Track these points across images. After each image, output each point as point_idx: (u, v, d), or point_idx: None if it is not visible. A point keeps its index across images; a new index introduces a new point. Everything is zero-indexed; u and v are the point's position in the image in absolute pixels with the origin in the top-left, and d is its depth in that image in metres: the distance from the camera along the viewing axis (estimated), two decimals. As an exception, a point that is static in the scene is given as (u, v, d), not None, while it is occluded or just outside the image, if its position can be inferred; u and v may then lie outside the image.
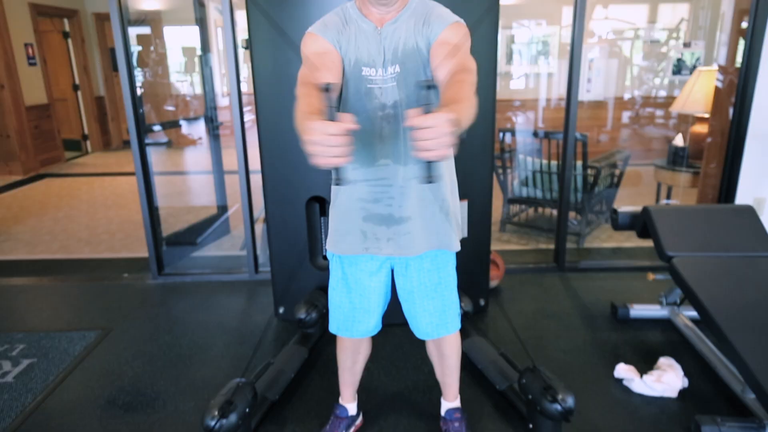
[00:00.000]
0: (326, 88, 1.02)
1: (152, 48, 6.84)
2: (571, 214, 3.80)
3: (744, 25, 3.01)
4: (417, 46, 1.38)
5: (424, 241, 1.51)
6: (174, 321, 2.73)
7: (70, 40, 7.44)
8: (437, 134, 0.94)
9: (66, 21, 7.32)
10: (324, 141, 0.97)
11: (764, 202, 3.13)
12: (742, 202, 3.12)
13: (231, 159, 3.21)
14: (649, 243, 2.52)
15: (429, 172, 1.02)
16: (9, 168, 6.21)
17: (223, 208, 4.07)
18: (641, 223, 2.55)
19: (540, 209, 4.35)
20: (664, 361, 2.19)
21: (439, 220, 1.51)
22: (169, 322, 2.71)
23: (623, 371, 2.15)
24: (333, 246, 1.57)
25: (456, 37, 1.35)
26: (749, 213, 2.48)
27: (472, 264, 2.60)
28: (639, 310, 2.62)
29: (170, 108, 6.95)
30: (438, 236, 1.52)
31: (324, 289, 2.48)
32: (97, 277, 3.33)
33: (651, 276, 2.68)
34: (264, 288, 3.05)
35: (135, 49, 6.25)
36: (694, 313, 2.48)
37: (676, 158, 3.95)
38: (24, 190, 5.67)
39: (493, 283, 2.94)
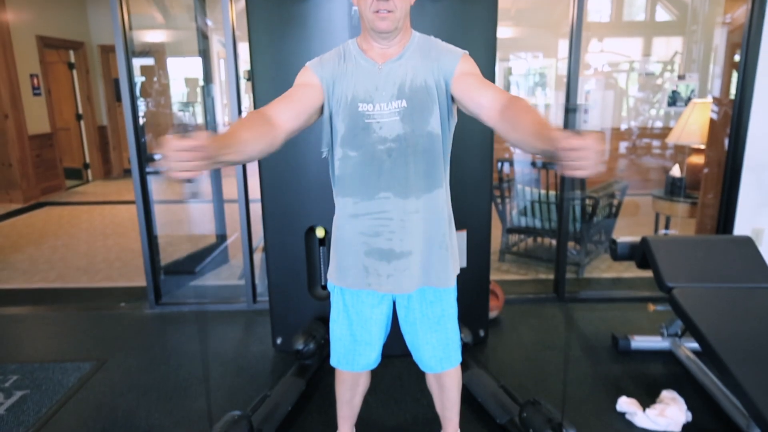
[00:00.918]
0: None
1: (155, 78, 6.95)
2: (570, 244, 3.80)
3: (737, 58, 3.07)
4: (426, 84, 1.40)
5: (422, 278, 1.51)
6: (170, 351, 2.69)
7: (75, 71, 7.56)
8: (592, 154, 0.99)
9: (72, 52, 7.45)
10: (174, 156, 1.00)
11: (762, 232, 3.13)
12: (741, 232, 3.12)
13: (231, 188, 3.23)
14: (648, 273, 2.51)
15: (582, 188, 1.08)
16: (9, 196, 6.23)
17: (222, 237, 4.07)
18: (640, 254, 2.55)
19: (539, 239, 4.35)
20: (667, 395, 2.15)
21: (438, 257, 1.51)
22: (165, 353, 2.68)
23: (626, 405, 2.12)
24: (335, 279, 1.57)
25: (474, 67, 1.42)
26: (748, 244, 2.48)
27: (471, 294, 2.58)
28: (640, 342, 2.59)
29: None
30: (437, 273, 1.52)
31: (322, 320, 2.47)
32: (93, 306, 3.31)
33: (651, 307, 2.66)
34: (262, 318, 3.03)
35: (138, 79, 6.35)
36: (695, 345, 2.46)
37: (674, 188, 3.98)
38: (23, 218, 5.67)
39: (493, 314, 2.91)
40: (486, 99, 1.33)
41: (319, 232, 2.48)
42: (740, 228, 3.13)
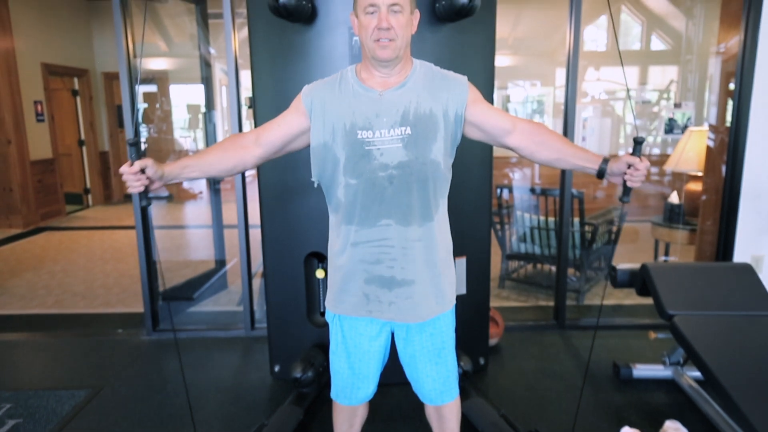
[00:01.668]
0: (131, 143, 1.45)
1: (158, 105, 7.04)
2: (570, 271, 3.79)
3: (731, 86, 3.11)
4: (431, 111, 1.42)
5: (425, 308, 1.50)
6: (166, 379, 2.66)
7: (78, 98, 7.65)
8: (644, 174, 1.42)
9: (76, 80, 7.55)
10: (126, 177, 1.41)
11: (762, 260, 3.13)
12: (740, 259, 3.12)
13: (230, 213, 3.23)
14: (649, 301, 2.50)
15: (629, 195, 1.49)
16: (9, 221, 6.23)
17: (221, 263, 4.06)
18: (640, 281, 2.54)
19: (539, 265, 4.34)
20: (671, 425, 2.12)
21: (438, 283, 1.51)
22: (161, 381, 2.64)
23: (628, 435, 2.08)
24: (334, 306, 1.56)
25: (479, 93, 1.50)
26: (748, 271, 2.48)
27: (471, 321, 2.57)
28: (642, 370, 2.56)
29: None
30: (437, 300, 1.52)
31: (321, 347, 2.44)
32: (90, 332, 3.28)
33: (652, 334, 2.64)
34: (260, 345, 3.00)
35: (141, 106, 6.42)
36: (698, 374, 2.43)
37: (672, 215, 3.99)
38: (23, 243, 5.67)
39: (493, 341, 2.89)
40: (507, 123, 1.48)
41: (319, 274, 2.48)
42: (740, 255, 3.13)
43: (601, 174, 1.44)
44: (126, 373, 2.73)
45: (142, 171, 1.41)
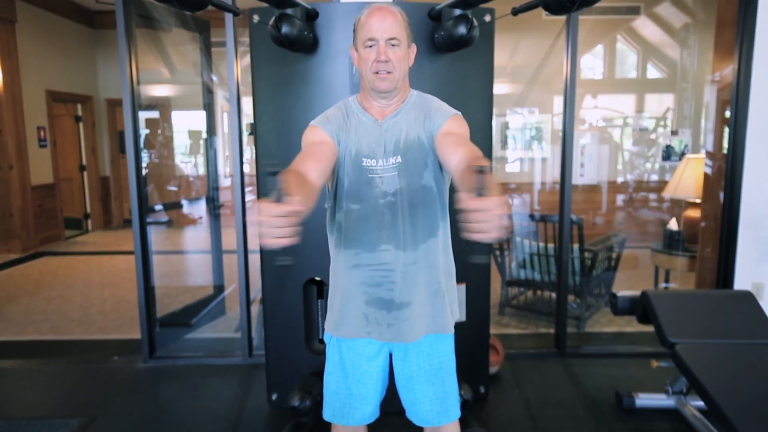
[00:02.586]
0: (272, 173, 1.06)
1: (159, 131, 7.10)
2: (570, 297, 3.77)
3: (727, 114, 3.15)
4: (419, 139, 1.46)
5: (422, 326, 1.52)
6: (161, 408, 2.62)
7: (81, 124, 7.73)
8: (492, 217, 0.96)
9: (79, 106, 7.64)
10: (269, 222, 0.98)
11: (763, 287, 3.12)
12: (741, 287, 3.11)
13: (230, 239, 3.23)
14: (650, 328, 2.48)
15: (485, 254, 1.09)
16: (8, 246, 6.22)
17: (219, 288, 4.04)
18: (641, 308, 2.52)
19: (539, 291, 4.32)
20: (675, 456, 2.08)
21: (436, 304, 1.52)
22: (156, 410, 2.60)
23: (632, 466, 2.04)
24: (334, 329, 1.57)
25: (459, 128, 1.44)
26: (749, 299, 2.47)
27: (471, 349, 2.54)
28: (645, 400, 2.53)
29: (173, 188, 7.09)
30: (435, 320, 1.53)
31: (319, 375, 2.41)
32: (86, 359, 3.24)
33: (654, 363, 2.61)
34: (257, 372, 2.96)
35: (143, 132, 6.48)
36: (702, 403, 2.39)
37: (672, 242, 3.98)
38: (21, 268, 5.64)
39: (493, 369, 2.85)
40: (453, 158, 1.29)
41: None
42: (740, 282, 3.12)
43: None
44: (121, 401, 2.69)
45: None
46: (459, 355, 1.64)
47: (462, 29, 2.08)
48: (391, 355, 1.60)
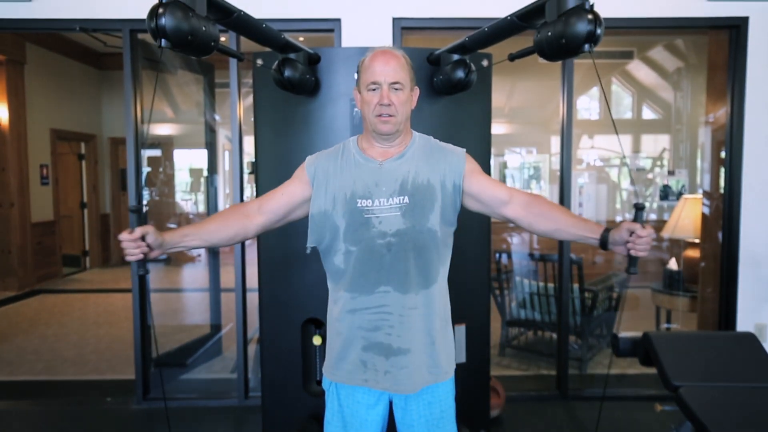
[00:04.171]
0: (134, 210, 1.50)
1: (161, 169, 7.16)
2: (572, 338, 3.72)
3: (723, 154, 3.19)
4: (429, 182, 1.47)
5: (420, 378, 1.48)
6: (154, 452, 2.55)
7: (84, 161, 7.80)
8: (650, 240, 1.38)
9: (83, 144, 7.73)
10: (123, 244, 1.40)
11: (765, 328, 3.09)
12: (743, 327, 3.08)
13: (228, 276, 3.21)
14: (653, 370, 2.44)
15: (636, 265, 1.46)
16: (4, 283, 6.17)
17: (216, 327, 3.99)
18: (643, 350, 2.49)
19: (540, 332, 4.27)
20: (683, 505, 2.01)
21: (432, 352, 1.50)
22: (148, 453, 2.53)
23: None
24: (332, 374, 1.54)
25: (477, 164, 1.53)
26: (751, 340, 2.43)
27: (471, 391, 2.49)
28: (650, 445, 2.46)
29: (173, 225, 7.10)
30: (430, 369, 1.50)
31: (317, 418, 2.35)
32: (78, 401, 3.17)
33: (658, 407, 2.55)
34: (253, 415, 2.90)
35: (145, 170, 6.54)
36: (708, 449, 2.33)
37: (672, 282, 3.97)
38: (16, 306, 5.59)
39: (494, 413, 2.79)
40: (504, 194, 1.51)
41: (316, 341, 2.44)
42: (742, 322, 3.09)
43: (603, 244, 1.42)
44: (112, 444, 2.62)
45: (143, 238, 1.40)
46: (459, 398, 1.61)
47: (460, 73, 2.13)
48: (391, 402, 1.57)
